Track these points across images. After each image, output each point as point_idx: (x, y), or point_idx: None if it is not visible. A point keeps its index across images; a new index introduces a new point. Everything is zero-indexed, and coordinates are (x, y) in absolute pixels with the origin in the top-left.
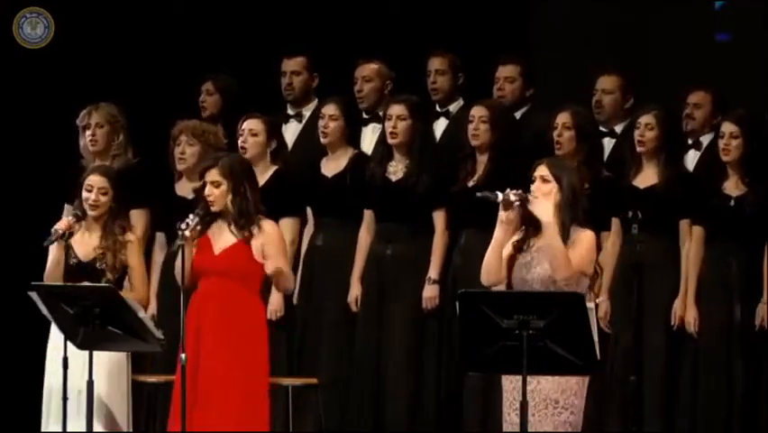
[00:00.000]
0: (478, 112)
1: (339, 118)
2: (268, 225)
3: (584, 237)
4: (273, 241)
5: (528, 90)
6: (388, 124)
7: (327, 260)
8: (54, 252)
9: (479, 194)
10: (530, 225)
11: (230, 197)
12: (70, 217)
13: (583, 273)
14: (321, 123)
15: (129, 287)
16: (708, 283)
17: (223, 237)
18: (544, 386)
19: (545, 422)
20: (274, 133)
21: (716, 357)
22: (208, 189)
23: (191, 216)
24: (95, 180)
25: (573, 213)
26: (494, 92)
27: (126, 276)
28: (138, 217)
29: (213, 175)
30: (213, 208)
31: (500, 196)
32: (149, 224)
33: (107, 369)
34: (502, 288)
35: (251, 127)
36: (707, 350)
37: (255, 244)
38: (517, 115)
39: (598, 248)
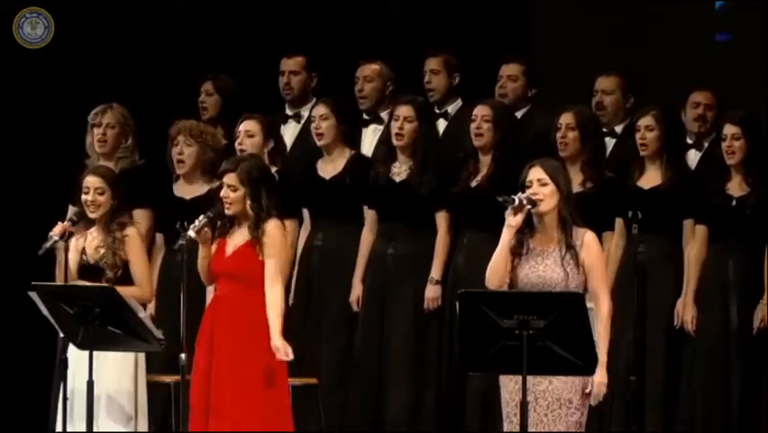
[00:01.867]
0: (481, 111)
1: (330, 117)
2: (270, 224)
3: (591, 245)
4: (270, 240)
5: (531, 90)
6: (395, 125)
7: (326, 260)
8: (59, 257)
9: (499, 198)
10: (526, 228)
11: (248, 202)
12: (66, 222)
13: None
14: (313, 125)
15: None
16: (709, 283)
17: (235, 239)
18: (557, 386)
19: (559, 422)
20: (271, 133)
21: (715, 357)
22: (224, 192)
23: (201, 216)
24: (90, 182)
25: (572, 210)
26: (496, 90)
27: (130, 273)
28: (141, 218)
29: (231, 179)
30: (229, 211)
31: (517, 200)
32: (152, 225)
33: (121, 368)
34: (504, 289)
35: (248, 128)
36: (706, 350)
37: (260, 243)
38: (518, 114)
39: None
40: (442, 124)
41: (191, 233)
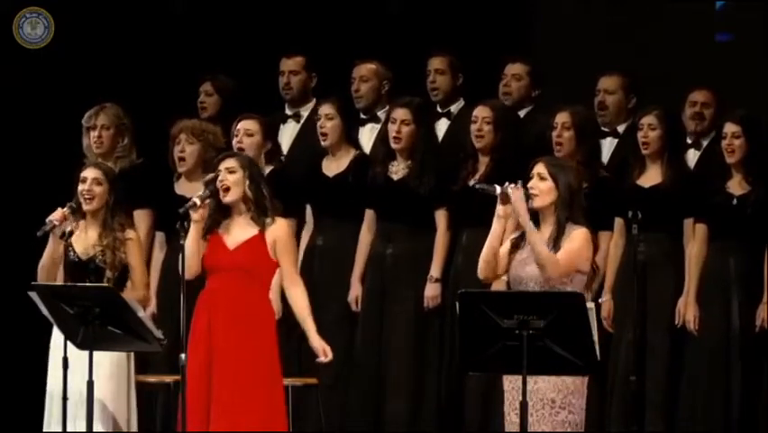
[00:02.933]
0: (481, 113)
1: (335, 117)
2: (282, 222)
3: (576, 235)
4: (283, 241)
5: (534, 91)
6: (392, 128)
7: (328, 260)
8: (50, 245)
9: (477, 186)
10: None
11: (247, 183)
12: (65, 209)
13: (577, 270)
14: (318, 123)
15: (130, 286)
16: (710, 282)
17: (236, 232)
18: (542, 386)
19: (543, 422)
20: (270, 134)
21: (716, 357)
22: (223, 175)
23: (201, 191)
24: (88, 172)
25: (569, 211)
26: (500, 89)
27: (127, 274)
28: (142, 218)
29: (229, 162)
30: (226, 198)
31: (498, 189)
32: (152, 224)
33: (109, 370)
34: (502, 285)
35: (247, 128)
36: (707, 350)
37: (268, 238)
38: (521, 114)
39: (596, 247)
40: (444, 124)
41: (196, 200)
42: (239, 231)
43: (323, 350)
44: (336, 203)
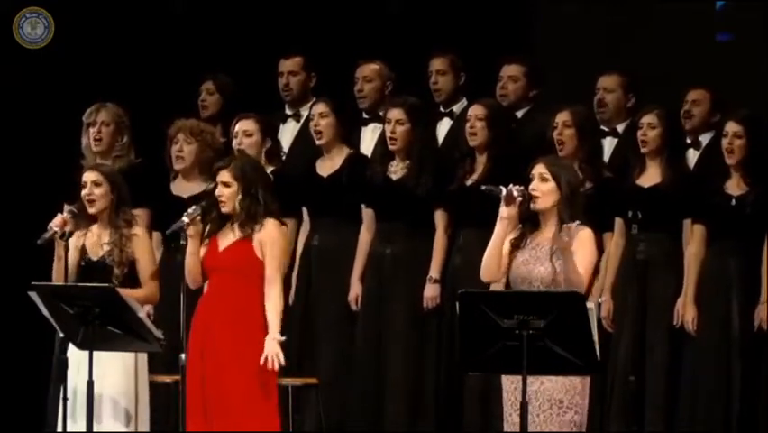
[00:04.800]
0: (475, 111)
1: (329, 115)
2: (269, 223)
3: (586, 239)
4: (267, 242)
5: (532, 91)
6: (387, 128)
7: (324, 260)
8: (57, 251)
9: (483, 187)
10: (527, 222)
11: (239, 197)
12: (65, 214)
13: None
14: (312, 123)
15: (140, 281)
16: (710, 283)
17: (229, 234)
18: (548, 386)
19: (551, 422)
20: (268, 132)
21: (716, 357)
22: (219, 190)
23: (194, 206)
24: (88, 176)
25: (572, 211)
26: (497, 90)
27: (136, 273)
28: (139, 218)
29: (224, 176)
30: (224, 209)
31: (504, 190)
32: (150, 224)
33: (121, 367)
34: (501, 286)
35: (246, 128)
36: (707, 349)
37: (255, 240)
38: (519, 114)
39: (599, 247)
40: (447, 124)
41: (185, 219)
42: (231, 233)
43: (269, 358)
44: (331, 203)
